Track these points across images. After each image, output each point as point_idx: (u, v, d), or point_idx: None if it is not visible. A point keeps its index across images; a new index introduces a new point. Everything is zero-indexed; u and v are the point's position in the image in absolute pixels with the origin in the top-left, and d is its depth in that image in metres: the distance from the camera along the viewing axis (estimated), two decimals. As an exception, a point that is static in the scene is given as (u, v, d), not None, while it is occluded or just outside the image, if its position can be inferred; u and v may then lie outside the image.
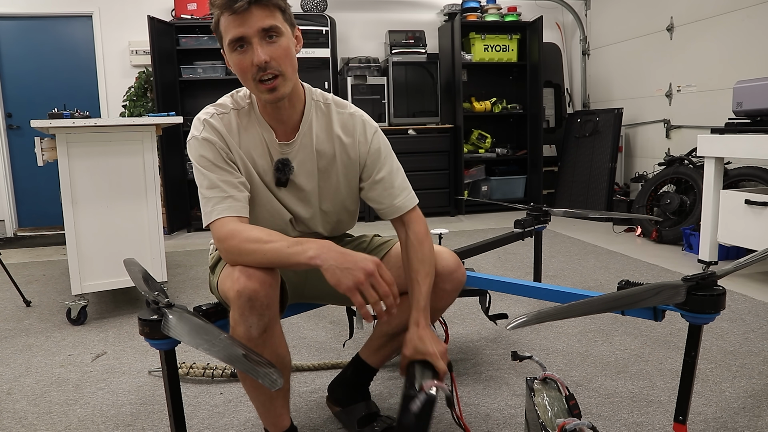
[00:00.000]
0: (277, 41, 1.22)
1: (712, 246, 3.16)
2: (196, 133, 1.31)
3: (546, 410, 1.20)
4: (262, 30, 1.19)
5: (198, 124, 1.32)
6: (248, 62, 1.21)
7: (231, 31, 1.20)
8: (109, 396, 1.86)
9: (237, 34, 1.19)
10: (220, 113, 1.33)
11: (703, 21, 4.31)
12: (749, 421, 1.58)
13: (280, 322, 1.28)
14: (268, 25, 1.19)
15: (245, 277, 1.17)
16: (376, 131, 1.44)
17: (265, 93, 1.24)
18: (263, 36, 1.20)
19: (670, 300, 1.23)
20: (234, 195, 1.27)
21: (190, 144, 1.32)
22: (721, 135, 3.09)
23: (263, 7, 1.19)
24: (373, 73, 5.28)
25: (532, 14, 5.64)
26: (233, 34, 1.20)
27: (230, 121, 1.33)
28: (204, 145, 1.29)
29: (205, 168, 1.29)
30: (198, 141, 1.30)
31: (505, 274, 3.24)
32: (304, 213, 1.43)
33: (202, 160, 1.29)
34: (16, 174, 5.21)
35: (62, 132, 2.47)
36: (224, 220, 1.25)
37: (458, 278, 1.45)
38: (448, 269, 1.43)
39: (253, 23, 1.18)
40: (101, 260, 2.59)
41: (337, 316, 2.55)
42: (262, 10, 1.19)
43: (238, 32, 1.19)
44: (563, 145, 5.60)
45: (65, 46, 5.19)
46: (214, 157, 1.29)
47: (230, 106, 1.35)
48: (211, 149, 1.29)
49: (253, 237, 1.20)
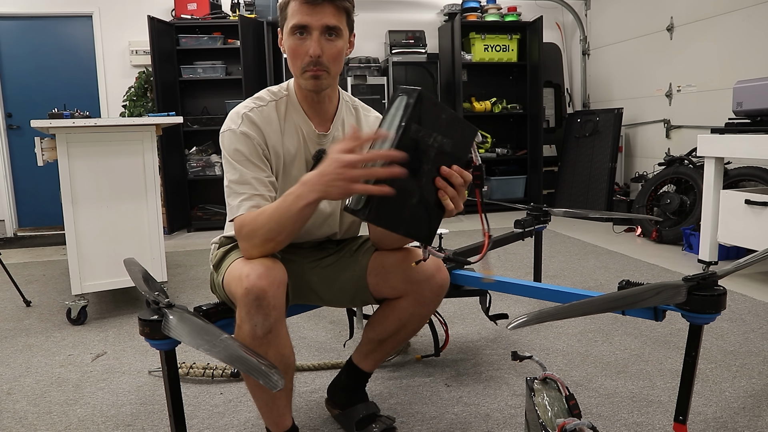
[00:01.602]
0: (334, 41, 1.28)
1: (712, 246, 3.16)
2: (234, 126, 1.32)
3: (546, 410, 1.20)
4: (326, 27, 1.26)
5: (236, 117, 1.33)
6: (303, 50, 1.27)
7: (297, 17, 1.25)
8: (109, 396, 1.86)
9: (302, 21, 1.25)
10: (259, 106, 1.36)
11: (703, 21, 4.31)
12: (749, 421, 1.58)
13: (285, 322, 1.28)
14: (333, 23, 1.26)
15: (255, 275, 1.17)
16: None
17: (308, 80, 1.30)
18: (324, 32, 1.26)
19: (671, 300, 1.23)
20: (263, 194, 1.29)
21: (226, 136, 1.32)
22: (721, 135, 3.09)
23: (335, 6, 1.26)
24: (373, 73, 5.28)
25: (532, 14, 5.64)
26: (299, 20, 1.25)
27: (269, 113, 1.36)
28: (241, 139, 1.30)
29: (239, 162, 1.30)
30: (235, 134, 1.31)
31: (505, 274, 3.24)
32: (326, 207, 1.44)
33: (236, 154, 1.30)
34: (16, 174, 5.20)
35: (62, 132, 2.47)
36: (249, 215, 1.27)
37: (437, 283, 1.41)
38: (425, 274, 1.39)
39: (320, 17, 1.25)
40: (101, 260, 2.58)
41: (337, 316, 2.54)
42: (333, 9, 1.26)
43: (304, 20, 1.25)
44: (563, 145, 5.60)
45: (65, 46, 5.19)
46: (249, 152, 1.30)
47: (268, 99, 1.38)
48: (248, 144, 1.31)
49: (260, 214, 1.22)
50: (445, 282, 1.44)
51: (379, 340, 1.52)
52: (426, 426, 1.62)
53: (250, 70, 4.94)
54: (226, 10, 5.18)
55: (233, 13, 5.10)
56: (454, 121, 1.11)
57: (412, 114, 1.03)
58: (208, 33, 5.09)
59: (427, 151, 1.07)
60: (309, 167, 1.39)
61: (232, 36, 5.03)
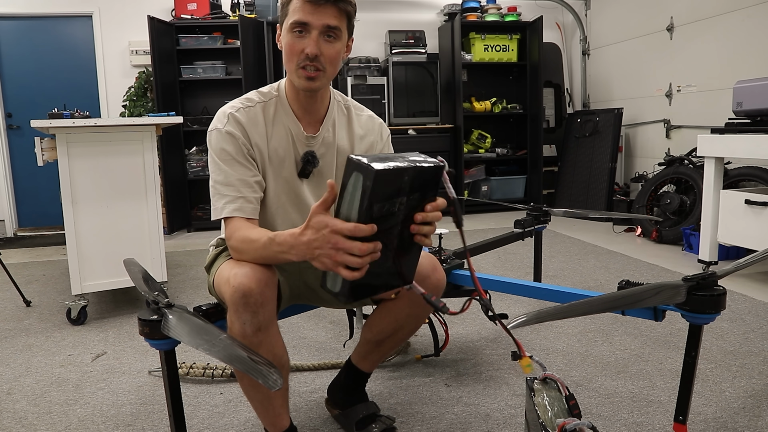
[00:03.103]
0: (333, 42, 1.28)
1: (712, 246, 3.15)
2: (220, 126, 1.32)
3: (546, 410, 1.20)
4: (327, 27, 1.26)
5: (222, 116, 1.34)
6: (300, 48, 1.27)
7: (299, 14, 1.25)
8: (109, 396, 1.86)
9: (303, 19, 1.25)
10: (246, 107, 1.36)
11: (703, 21, 4.31)
12: (749, 421, 1.58)
13: (276, 322, 1.28)
14: (333, 24, 1.26)
15: (241, 274, 1.18)
16: (389, 135, 1.51)
17: (303, 79, 1.30)
18: (324, 32, 1.26)
19: (671, 300, 1.23)
20: (246, 195, 1.30)
21: (212, 135, 1.33)
22: (721, 135, 3.09)
23: (338, 7, 1.26)
24: (373, 73, 5.28)
25: (532, 14, 5.64)
26: (300, 17, 1.25)
27: (256, 114, 1.35)
28: (227, 138, 1.31)
29: (224, 162, 1.30)
30: (221, 133, 1.31)
31: (505, 274, 3.24)
32: None
33: (222, 153, 1.31)
34: (16, 174, 5.20)
35: (62, 132, 2.47)
36: (233, 219, 1.29)
37: (433, 284, 1.41)
38: (421, 275, 1.38)
39: (322, 17, 1.25)
40: (101, 260, 2.58)
41: (337, 316, 2.54)
42: (335, 10, 1.26)
43: (306, 18, 1.25)
44: (563, 145, 5.60)
45: (65, 46, 5.19)
46: (234, 152, 1.31)
47: (256, 100, 1.38)
48: (233, 143, 1.31)
49: (247, 237, 1.23)
50: (441, 282, 1.44)
51: (376, 341, 1.52)
52: (426, 426, 1.62)
53: (250, 70, 4.95)
54: (226, 10, 5.18)
55: (233, 13, 5.10)
56: (419, 173, 1.00)
57: (372, 196, 0.94)
58: (208, 33, 5.09)
59: (395, 215, 1.01)
60: (298, 169, 1.39)
61: (232, 36, 5.03)
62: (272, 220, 1.40)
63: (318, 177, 1.42)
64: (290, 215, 1.41)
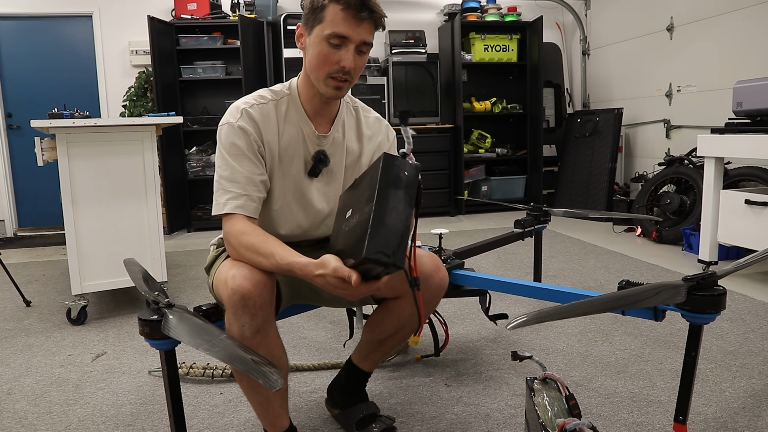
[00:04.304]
0: (363, 56, 1.31)
1: (712, 246, 3.15)
2: (232, 120, 1.32)
3: (546, 410, 1.20)
4: (363, 42, 1.27)
5: (235, 111, 1.34)
6: (335, 59, 1.27)
7: (340, 27, 1.25)
8: (109, 396, 1.86)
9: (344, 32, 1.25)
10: (260, 103, 1.36)
11: (703, 21, 4.31)
12: (749, 421, 1.58)
13: (275, 323, 1.28)
14: (369, 40, 1.29)
15: (240, 276, 1.19)
16: (395, 137, 1.53)
17: (331, 88, 1.31)
18: (360, 46, 1.28)
19: (671, 300, 1.23)
20: (250, 194, 1.30)
21: (223, 129, 1.33)
22: (721, 135, 3.09)
23: (374, 24, 1.28)
24: (373, 73, 5.28)
25: (532, 14, 5.64)
26: (341, 31, 1.25)
27: (269, 111, 1.36)
28: (238, 132, 1.31)
29: (233, 157, 1.30)
30: (233, 128, 1.32)
31: (505, 274, 3.24)
32: (324, 208, 1.44)
33: (232, 148, 1.31)
34: (16, 174, 5.20)
35: (62, 132, 2.47)
36: (234, 216, 1.29)
37: (436, 284, 1.43)
38: (424, 275, 1.40)
39: (361, 32, 1.26)
40: (101, 260, 2.58)
41: (337, 316, 2.54)
42: (372, 26, 1.28)
43: (346, 32, 1.25)
44: (563, 145, 5.60)
45: (65, 46, 5.18)
46: (245, 147, 1.31)
47: (269, 97, 1.38)
48: (245, 138, 1.31)
49: (253, 246, 1.23)
50: (443, 282, 1.45)
51: (378, 340, 1.52)
52: (426, 426, 1.62)
53: (250, 70, 4.94)
54: (226, 10, 5.17)
55: (233, 13, 5.10)
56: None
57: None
58: (208, 33, 5.08)
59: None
60: (308, 168, 1.40)
61: (232, 36, 5.03)
62: (275, 218, 1.40)
63: (326, 176, 1.42)
64: (295, 214, 1.41)
